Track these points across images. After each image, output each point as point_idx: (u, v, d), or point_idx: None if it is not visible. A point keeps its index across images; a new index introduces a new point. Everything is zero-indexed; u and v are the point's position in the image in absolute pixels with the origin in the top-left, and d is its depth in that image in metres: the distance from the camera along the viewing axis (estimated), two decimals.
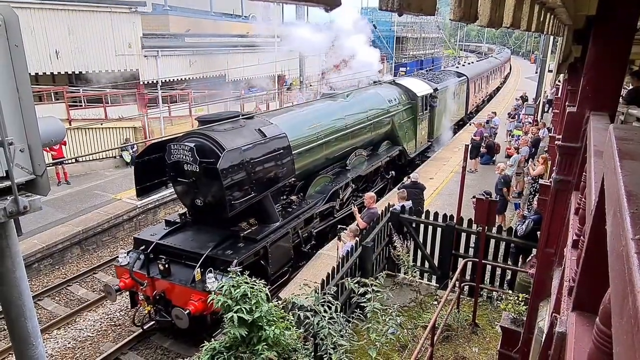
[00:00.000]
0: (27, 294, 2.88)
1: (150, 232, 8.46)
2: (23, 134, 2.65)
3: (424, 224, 7.88)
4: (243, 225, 8.22)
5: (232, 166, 7.34)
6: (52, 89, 18.73)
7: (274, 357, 5.18)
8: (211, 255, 7.36)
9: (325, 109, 11.29)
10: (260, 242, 7.88)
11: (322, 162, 10.67)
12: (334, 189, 10.40)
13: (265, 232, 8.12)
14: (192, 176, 7.65)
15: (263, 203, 8.35)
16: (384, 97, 13.58)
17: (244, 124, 8.37)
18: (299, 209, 9.39)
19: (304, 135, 9.70)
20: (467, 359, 5.98)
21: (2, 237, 2.70)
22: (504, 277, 7.35)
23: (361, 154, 12.26)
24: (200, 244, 7.77)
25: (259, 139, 8.22)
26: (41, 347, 3.04)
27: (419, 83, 16.22)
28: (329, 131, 10.52)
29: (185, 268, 7.46)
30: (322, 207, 9.92)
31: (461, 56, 60.40)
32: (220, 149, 7.35)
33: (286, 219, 8.83)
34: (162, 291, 7.39)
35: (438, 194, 12.98)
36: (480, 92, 27.50)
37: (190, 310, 6.79)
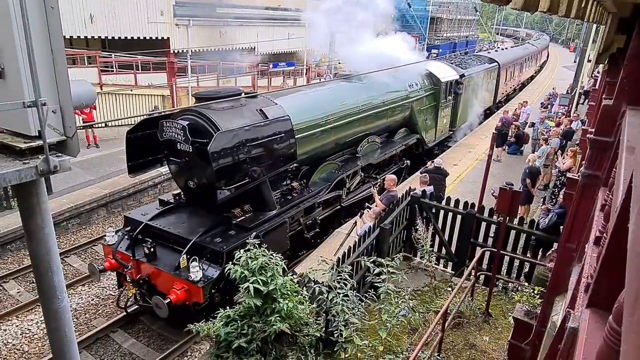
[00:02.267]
0: (55, 251, 3.01)
1: (142, 212, 8.11)
2: (56, 95, 2.72)
3: (444, 210, 7.81)
4: (236, 212, 7.77)
5: (225, 149, 6.84)
6: (86, 53, 19.07)
7: (286, 329, 5.31)
8: (199, 242, 6.99)
9: (337, 91, 10.59)
10: (251, 231, 7.27)
11: (330, 148, 10.01)
12: (339, 177, 9.82)
13: (258, 221, 7.64)
14: (185, 156, 7.24)
15: (259, 189, 7.87)
16: (404, 81, 12.64)
17: (245, 103, 7.86)
18: (300, 197, 8.81)
19: (310, 119, 9.05)
20: (477, 347, 6.00)
21: (33, 194, 2.81)
22: (521, 269, 7.27)
23: (374, 141, 11.53)
24: (190, 228, 7.39)
25: (258, 121, 7.68)
26: (66, 301, 3.19)
27: (444, 67, 15.36)
28: (338, 115, 9.82)
29: (172, 253, 7.13)
30: (325, 196, 9.38)
31: (497, 41, 58.40)
32: (215, 129, 6.87)
33: (284, 207, 8.30)
34: (146, 275, 7.08)
35: (461, 181, 12.80)
36: (511, 81, 26.11)
37: (171, 300, 6.46)
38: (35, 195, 2.81)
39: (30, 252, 2.99)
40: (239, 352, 5.45)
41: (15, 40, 2.55)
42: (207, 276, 6.63)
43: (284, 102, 8.66)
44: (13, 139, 2.79)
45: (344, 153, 10.70)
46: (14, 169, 2.58)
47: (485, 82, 19.33)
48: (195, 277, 6.47)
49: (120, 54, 19.67)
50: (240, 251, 5.57)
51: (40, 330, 7.56)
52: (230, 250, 6.80)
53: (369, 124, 11.04)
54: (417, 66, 13.15)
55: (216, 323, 5.58)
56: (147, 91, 19.13)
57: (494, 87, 21.46)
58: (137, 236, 7.37)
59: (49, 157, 2.66)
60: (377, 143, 11.64)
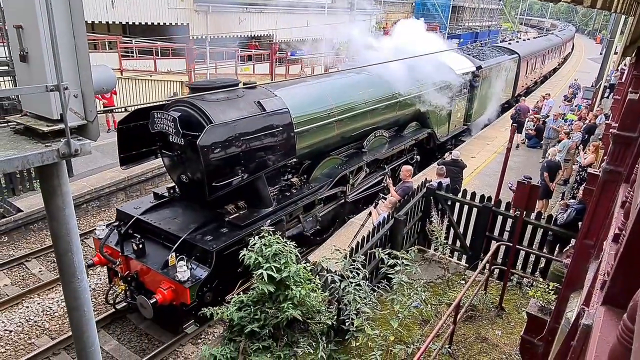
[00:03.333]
0: (75, 232, 3.09)
1: (135, 205, 7.85)
2: (77, 80, 2.77)
3: (460, 202, 7.74)
4: (229, 209, 7.44)
5: (216, 143, 6.49)
6: (107, 38, 19.28)
7: (298, 316, 5.37)
8: (189, 240, 6.73)
9: (343, 83, 10.07)
10: (244, 229, 7.08)
11: (334, 142, 9.54)
12: (342, 173, 9.33)
13: (252, 219, 7.31)
14: (177, 149, 7.00)
15: (255, 185, 7.52)
16: (415, 72, 11.91)
17: (242, 95, 7.48)
18: (299, 193, 8.39)
19: (312, 112, 8.59)
20: (489, 341, 5.98)
21: (55, 176, 2.88)
22: (537, 264, 7.19)
23: (382, 135, 11.01)
24: (181, 224, 7.13)
25: (255, 113, 7.28)
26: (85, 281, 3.28)
27: (460, 59, 14.68)
28: (343, 108, 9.33)
29: (162, 249, 6.90)
30: (327, 192, 8.95)
31: (520, 31, 57.02)
32: (207, 122, 6.61)
33: (281, 204, 7.93)
34: (135, 272, 6.83)
35: (478, 173, 12.65)
36: (532, 73, 25.09)
37: (157, 300, 6.20)
38: (57, 178, 2.88)
39: (52, 233, 3.08)
40: (252, 337, 5.54)
41: (38, 25, 2.60)
42: (195, 276, 6.41)
43: (285, 94, 8.26)
44: (36, 122, 2.86)
45: (349, 147, 10.27)
46: (36, 151, 2.65)
47: (504, 75, 18.49)
48: (182, 277, 6.22)
49: (140, 39, 19.83)
50: (255, 238, 5.63)
51: (61, 309, 7.79)
52: (220, 249, 6.58)
53: (376, 117, 10.55)
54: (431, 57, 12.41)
55: (230, 307, 5.68)
56: (166, 77, 19.29)
57: (514, 79, 20.58)
58: (127, 231, 7.13)
59: (70, 140, 2.72)
60: (385, 137, 11.18)
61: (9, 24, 2.82)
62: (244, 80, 21.08)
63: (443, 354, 5.63)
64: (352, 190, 9.87)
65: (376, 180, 10.65)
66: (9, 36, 2.90)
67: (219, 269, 6.65)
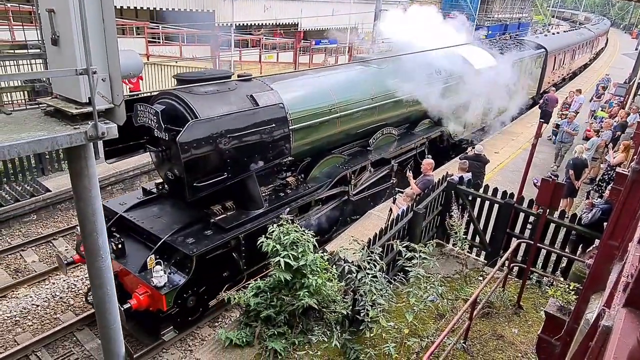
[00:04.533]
0: (100, 212, 3.19)
1: (122, 200, 7.52)
2: (106, 64, 2.83)
3: (481, 198, 7.63)
4: (216, 209, 6.98)
5: (199, 140, 6.04)
6: (134, 23, 19.54)
7: (313, 304, 5.43)
8: (169, 242, 6.34)
9: (348, 76, 9.52)
10: (228, 232, 6.65)
11: (336, 140, 8.99)
12: (343, 172, 8.77)
13: (239, 221, 6.88)
14: (162, 144, 6.60)
15: (245, 185, 7.06)
16: (430, 66, 11.20)
17: (234, 87, 7.02)
18: (295, 194, 7.89)
19: (312, 107, 8.07)
20: (505, 338, 5.92)
21: (82, 158, 2.97)
22: (558, 263, 7.05)
23: (390, 133, 10.39)
24: (165, 224, 6.74)
25: (246, 108, 6.82)
26: (108, 261, 3.39)
27: (481, 53, 13.94)
28: (347, 103, 8.77)
29: (143, 250, 6.54)
30: (325, 193, 8.40)
31: (552, 24, 55.28)
32: (192, 116, 6.19)
33: (274, 205, 7.45)
34: (115, 272, 6.57)
35: (501, 169, 12.42)
36: (560, 69, 23.91)
37: (131, 305, 5.83)
38: (84, 159, 2.97)
39: (78, 213, 3.18)
40: (267, 322, 5.64)
41: (70, 9, 2.66)
42: (173, 282, 6.05)
43: (282, 88, 7.76)
44: (66, 104, 2.94)
45: (353, 145, 9.72)
46: (65, 133, 2.73)
47: (528, 70, 17.43)
48: (158, 283, 5.86)
49: (167, 25, 20.04)
50: (273, 225, 5.68)
51: (85, 286, 8.05)
52: (201, 254, 6.19)
53: (384, 114, 9.92)
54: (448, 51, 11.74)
55: (247, 293, 5.78)
56: (191, 63, 19.48)
57: (539, 75, 19.47)
58: (110, 228, 6.75)
59: (97, 123, 2.79)
60: (393, 135, 10.57)
61: (42, 7, 2.89)
62: (270, 68, 21.11)
63: (457, 349, 5.61)
64: (355, 191, 9.31)
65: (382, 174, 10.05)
66: (41, 19, 2.98)
67: (201, 274, 6.36)
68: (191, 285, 6.31)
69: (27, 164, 10.66)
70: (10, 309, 7.46)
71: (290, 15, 24.09)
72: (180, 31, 19.90)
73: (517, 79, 15.65)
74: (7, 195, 9.93)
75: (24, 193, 10.09)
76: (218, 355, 5.47)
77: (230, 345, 5.55)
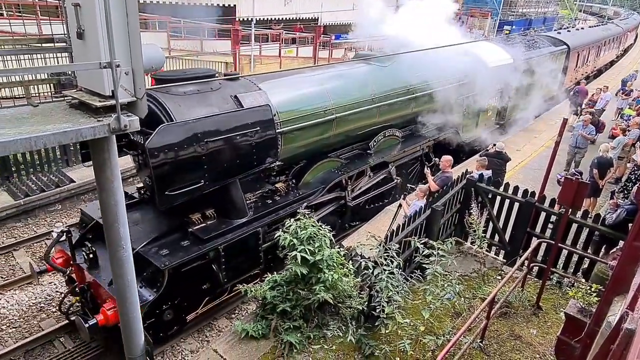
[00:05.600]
0: (122, 203, 3.25)
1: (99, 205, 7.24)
2: (129, 58, 2.88)
3: (502, 196, 7.51)
4: (195, 218, 6.50)
5: (170, 145, 5.54)
6: (157, 17, 19.78)
7: (329, 299, 5.45)
8: (141, 253, 5.91)
9: (346, 75, 8.92)
10: (206, 244, 6.18)
11: (332, 143, 8.46)
12: (338, 178, 8.22)
13: (219, 231, 6.39)
14: (138, 148, 6.14)
15: (227, 191, 6.59)
16: (439, 64, 10.53)
17: (217, 87, 6.58)
18: (284, 201, 7.38)
19: (304, 108, 7.57)
20: (523, 339, 5.84)
21: (105, 150, 3.03)
22: (580, 264, 6.90)
23: (393, 135, 9.81)
24: (141, 232, 6.30)
25: (228, 110, 6.36)
26: (129, 251, 3.46)
27: (496, 50, 13.24)
28: (345, 104, 8.22)
29: None
30: (319, 200, 7.87)
31: (578, 19, 53.79)
32: (168, 119, 5.79)
33: (259, 213, 6.95)
34: (88, 283, 6.11)
35: (522, 167, 12.20)
36: (584, 67, 22.88)
37: (97, 321, 5.43)
38: (107, 151, 3.03)
39: (100, 203, 3.25)
40: (283, 316, 5.68)
41: (94, 3, 2.71)
42: (142, 297, 5.51)
43: (272, 88, 7.29)
44: (90, 97, 3.00)
45: (352, 148, 9.20)
46: (89, 125, 2.79)
47: (548, 68, 16.31)
48: None
49: (188, 20, 20.23)
50: (290, 220, 5.70)
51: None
52: (174, 267, 5.74)
53: (386, 115, 9.35)
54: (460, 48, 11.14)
55: (263, 286, 5.83)
56: (211, 57, 19.64)
57: (560, 73, 18.26)
58: (85, 235, 6.46)
59: (120, 116, 2.84)
60: (397, 138, 9.98)
61: (68, 1, 2.95)
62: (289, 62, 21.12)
63: (474, 348, 5.55)
64: (352, 196, 8.76)
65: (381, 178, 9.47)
66: (67, 13, 3.04)
67: (175, 288, 5.96)
68: (166, 299, 5.91)
69: (52, 155, 10.95)
70: (36, 296, 7.69)
71: (311, 10, 24.03)
72: (201, 25, 20.08)
73: (535, 77, 15.04)
74: (33, 185, 10.22)
75: (50, 183, 10.37)
76: (234, 347, 5.54)
77: (247, 337, 5.62)
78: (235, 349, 5.52)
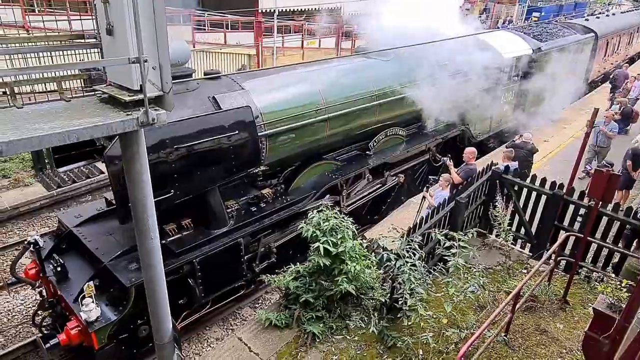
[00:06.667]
0: (150, 195, 3.34)
1: (78, 212, 6.56)
2: (156, 53, 2.94)
3: (528, 188, 7.36)
4: (169, 229, 5.99)
5: None
6: (182, 12, 19.99)
7: (352, 290, 5.49)
8: (109, 267, 5.47)
9: (345, 71, 8.34)
10: (179, 257, 5.74)
11: (326, 144, 7.89)
12: (332, 182, 7.68)
13: (194, 243, 5.92)
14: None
15: (204, 199, 6.13)
16: (447, 56, 9.86)
17: (194, 88, 6.16)
18: (270, 208, 6.85)
19: (293, 108, 7.05)
20: (549, 334, 5.75)
21: (134, 143, 3.12)
22: (609, 259, 6.72)
23: (396, 134, 9.19)
24: (113, 243, 5.87)
25: (205, 112, 5.90)
26: (157, 241, 3.57)
27: (513, 39, 12.48)
28: (338, 103, 7.67)
29: (89, 274, 5.66)
30: (310, 206, 7.27)
31: (612, 4, 51.58)
32: None
33: (241, 222, 6.44)
34: (57, 297, 5.72)
35: (550, 158, 11.90)
36: (614, 56, 21.33)
37: (59, 341, 5.04)
38: (136, 144, 3.12)
39: (130, 196, 3.35)
40: (306, 306, 5.75)
41: None
42: (105, 316, 5.15)
43: (257, 87, 6.84)
44: (119, 91, 3.08)
45: (352, 149, 8.65)
46: (119, 119, 2.87)
47: (573, 58, 15.36)
48: (87, 317, 4.97)
49: (212, 12, 20.38)
50: (313, 211, 5.73)
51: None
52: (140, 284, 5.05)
53: (388, 112, 8.74)
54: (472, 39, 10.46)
55: (286, 276, 5.91)
56: (235, 50, 19.75)
57: (587, 63, 17.19)
58: (59, 245, 6.09)
59: (148, 110, 2.91)
60: (400, 137, 9.35)
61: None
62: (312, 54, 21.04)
63: (498, 342, 5.50)
64: (348, 201, 8.29)
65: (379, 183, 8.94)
66: (96, 10, 3.12)
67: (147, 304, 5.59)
68: (139, 315, 5.50)
69: None
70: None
71: (334, 0, 23.82)
72: (224, 18, 20.20)
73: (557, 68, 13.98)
74: (65, 177, 10.60)
75: (81, 175, 10.73)
76: (258, 335, 5.65)
77: (270, 326, 5.72)
78: (259, 337, 5.63)
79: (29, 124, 2.68)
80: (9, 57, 2.96)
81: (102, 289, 5.46)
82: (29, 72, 2.91)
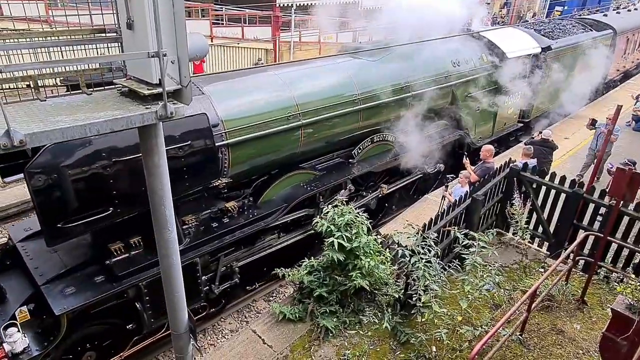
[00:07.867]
0: (167, 187, 3.40)
1: (27, 226, 5.93)
2: (174, 47, 2.98)
3: (547, 186, 7.24)
4: (114, 248, 5.41)
5: (63, 167, 4.52)
6: (200, 5, 20.13)
7: (365, 285, 5.50)
8: (43, 291, 4.92)
9: (325, 72, 7.61)
10: (122, 281, 5.17)
11: (302, 153, 7.23)
12: (306, 194, 7.08)
13: (142, 264, 5.37)
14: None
15: None
16: (446, 55, 9.19)
17: None
18: (234, 224, 6.29)
19: (260, 114, 6.41)
20: (565, 334, 5.67)
21: (153, 136, 3.17)
22: (630, 259, 6.58)
23: (384, 141, 8.51)
24: (57, 263, 5.29)
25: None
26: (174, 232, 3.62)
27: (520, 37, 11.83)
28: (316, 107, 7.02)
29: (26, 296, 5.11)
30: (280, 220, 6.85)
31: None
32: None
33: (199, 239, 5.91)
34: None
35: (570, 156, 11.67)
36: (634, 53, 20.24)
37: None
38: (154, 137, 3.17)
39: (148, 187, 3.41)
40: (320, 300, 5.78)
41: None
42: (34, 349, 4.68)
43: (220, 91, 6.23)
44: (139, 85, 3.14)
45: (334, 156, 8.01)
46: (138, 112, 2.92)
47: (588, 56, 14.41)
48: (12, 349, 4.48)
49: (230, 6, 20.47)
50: (327, 207, 5.74)
51: None
52: (72, 311, 4.70)
53: (374, 118, 8.06)
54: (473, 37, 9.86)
55: (300, 271, 5.95)
56: (252, 44, 19.82)
57: (603, 62, 15.84)
58: (2, 261, 5.51)
59: (167, 103, 2.95)
60: (389, 143, 8.64)
61: None
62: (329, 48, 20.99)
63: (513, 341, 5.45)
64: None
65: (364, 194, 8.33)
66: (117, 4, 3.17)
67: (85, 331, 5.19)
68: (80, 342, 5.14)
69: None
70: None
71: None
72: (242, 12, 20.27)
73: (569, 67, 13.42)
74: None
75: None
76: (272, 328, 5.71)
77: (284, 320, 5.77)
78: (273, 330, 5.68)
79: (52, 116, 2.75)
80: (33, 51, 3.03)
81: (37, 315, 4.92)
82: (52, 66, 2.97)
